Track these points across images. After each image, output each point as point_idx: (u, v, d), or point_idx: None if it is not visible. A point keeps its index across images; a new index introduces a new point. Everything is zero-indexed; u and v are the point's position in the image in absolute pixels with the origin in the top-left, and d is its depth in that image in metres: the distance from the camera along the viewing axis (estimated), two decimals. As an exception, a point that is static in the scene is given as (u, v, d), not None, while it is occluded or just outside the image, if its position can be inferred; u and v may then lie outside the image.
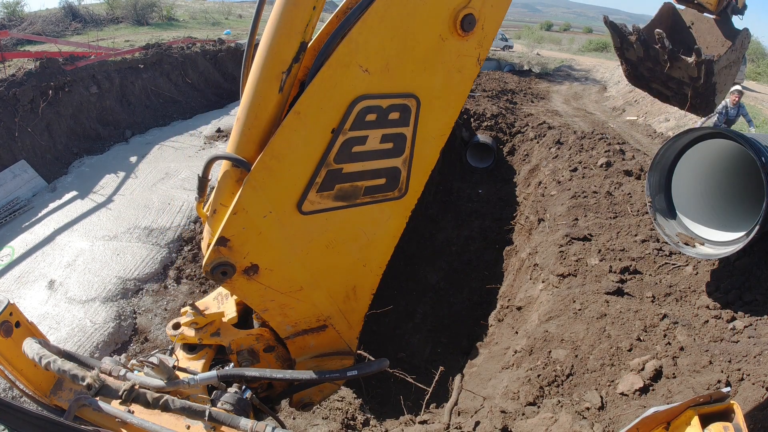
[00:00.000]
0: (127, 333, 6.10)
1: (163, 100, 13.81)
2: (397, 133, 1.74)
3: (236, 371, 2.04)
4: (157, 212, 8.24)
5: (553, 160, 10.74)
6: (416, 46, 1.62)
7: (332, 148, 1.64)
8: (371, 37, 1.54)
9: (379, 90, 1.63)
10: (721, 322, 4.82)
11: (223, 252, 1.67)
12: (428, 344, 8.92)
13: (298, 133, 1.59)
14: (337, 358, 2.27)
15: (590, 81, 27.80)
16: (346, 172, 1.72)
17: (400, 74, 1.64)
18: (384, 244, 2.03)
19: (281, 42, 1.52)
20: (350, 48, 1.53)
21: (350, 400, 5.42)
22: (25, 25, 19.06)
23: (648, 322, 4.92)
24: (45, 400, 2.07)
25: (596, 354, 4.71)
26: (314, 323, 2.08)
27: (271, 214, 1.68)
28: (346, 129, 1.63)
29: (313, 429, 4.51)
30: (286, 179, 1.65)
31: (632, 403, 4.07)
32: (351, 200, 1.79)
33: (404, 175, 1.84)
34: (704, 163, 5.51)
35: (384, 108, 1.66)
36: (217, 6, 33.00)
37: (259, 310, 1.97)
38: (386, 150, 1.75)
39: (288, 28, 1.49)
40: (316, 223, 1.78)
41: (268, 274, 1.80)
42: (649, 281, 5.80)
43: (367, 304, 2.20)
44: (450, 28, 1.62)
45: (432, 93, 1.73)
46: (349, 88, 1.58)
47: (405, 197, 1.90)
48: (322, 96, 1.56)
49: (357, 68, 1.56)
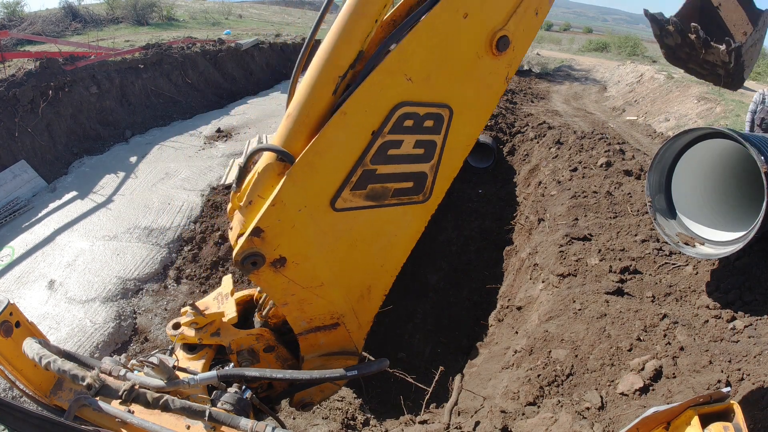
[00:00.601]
0: (127, 333, 6.10)
1: (163, 100, 13.81)
2: (429, 140, 1.85)
3: (236, 371, 2.04)
4: (157, 212, 8.24)
5: (553, 160, 10.74)
6: (455, 61, 1.76)
7: (370, 149, 1.75)
8: (419, 49, 1.68)
9: (419, 98, 1.75)
10: (721, 321, 4.82)
11: (255, 242, 1.73)
12: (428, 344, 8.91)
13: (341, 132, 1.70)
14: (342, 358, 2.28)
15: (590, 81, 27.80)
16: (380, 173, 1.82)
17: (439, 85, 1.77)
18: (402, 247, 2.11)
19: (342, 49, 1.65)
20: (399, 57, 1.67)
21: (350, 400, 5.42)
22: (25, 25, 19.05)
23: (648, 322, 4.92)
24: (45, 400, 2.07)
25: (596, 354, 4.71)
26: (328, 320, 2.12)
27: (305, 208, 1.75)
28: (385, 132, 1.75)
29: (313, 429, 4.51)
30: (325, 175, 1.75)
31: (632, 403, 4.07)
32: (380, 200, 1.89)
33: (430, 180, 1.95)
34: (704, 162, 5.51)
35: (421, 115, 1.79)
36: (217, 6, 32.97)
37: (279, 304, 2.00)
38: (417, 155, 1.86)
39: (350, 36, 1.63)
40: (345, 220, 1.86)
41: (294, 268, 1.86)
42: (649, 281, 5.80)
43: (378, 305, 2.24)
44: (486, 47, 1.77)
45: (464, 105, 1.86)
46: (393, 93, 1.71)
47: (428, 202, 2.00)
48: (368, 99, 1.68)
49: (402, 76, 1.69)
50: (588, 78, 28.64)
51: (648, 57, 34.19)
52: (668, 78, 20.60)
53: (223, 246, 7.70)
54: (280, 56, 20.04)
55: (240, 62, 17.59)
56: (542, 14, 1.89)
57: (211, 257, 7.50)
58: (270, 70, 18.98)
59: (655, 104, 18.59)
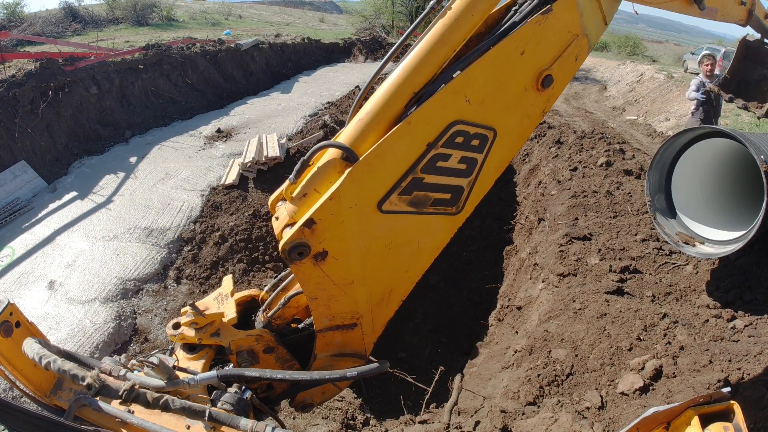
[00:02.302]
0: (127, 333, 6.10)
1: (163, 100, 13.81)
2: (472, 157, 2.04)
3: (236, 371, 2.04)
4: (157, 212, 8.24)
5: (553, 159, 10.74)
6: (507, 91, 2.00)
7: (423, 159, 1.93)
8: (481, 75, 1.91)
9: (472, 119, 1.96)
10: (721, 321, 4.82)
11: (306, 233, 1.82)
12: (428, 344, 8.91)
13: (403, 139, 1.87)
14: (351, 360, 2.32)
15: (590, 80, 27.79)
16: (426, 182, 1.98)
17: (490, 109, 1.99)
18: (428, 255, 2.24)
19: (422, 69, 1.89)
20: (465, 80, 1.88)
21: (350, 400, 5.42)
22: (24, 26, 19.05)
23: (648, 322, 4.92)
24: (45, 400, 2.07)
25: (596, 353, 4.71)
26: (348, 320, 2.19)
27: (356, 206, 1.88)
28: (439, 145, 1.93)
29: (313, 429, 4.51)
30: (380, 177, 1.90)
31: (632, 402, 4.07)
32: (420, 208, 2.03)
33: (465, 194, 2.12)
34: (704, 161, 5.51)
35: (471, 134, 1.98)
36: (217, 6, 32.96)
37: (309, 298, 2.07)
38: (460, 170, 2.04)
39: (432, 60, 1.89)
40: (386, 222, 2.00)
41: (332, 263, 1.96)
42: (649, 280, 5.80)
43: (394, 310, 2.34)
44: (533, 82, 2.02)
45: (506, 130, 2.07)
46: (452, 111, 1.91)
47: (459, 215, 2.18)
48: (431, 113, 1.88)
49: (463, 97, 1.91)
50: (588, 77, 28.63)
51: (648, 56, 34.19)
52: (668, 77, 20.60)
53: (223, 246, 7.70)
54: (279, 56, 20.04)
55: (240, 62, 17.59)
56: (580, 61, 2.14)
57: (211, 257, 7.50)
58: (270, 71, 18.98)
59: (655, 104, 18.59)
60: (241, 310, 2.37)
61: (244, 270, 7.54)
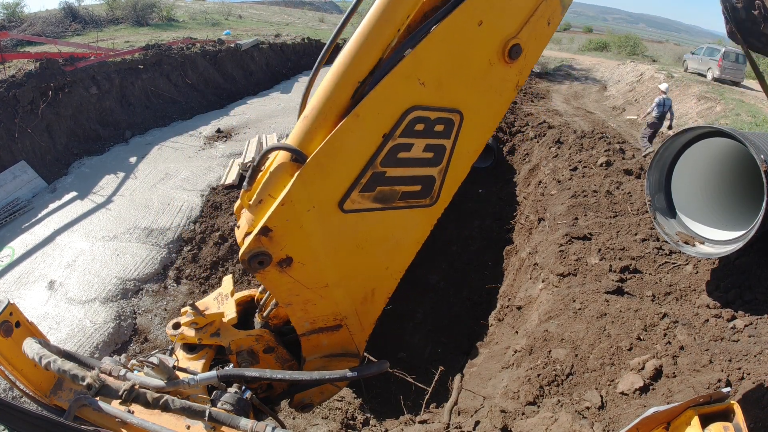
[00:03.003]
0: (127, 333, 6.10)
1: (162, 100, 13.80)
2: (438, 144, 1.87)
3: (236, 371, 2.04)
4: (156, 213, 8.24)
5: (553, 159, 10.74)
6: (468, 68, 1.79)
7: (381, 152, 1.77)
8: (433, 54, 1.71)
9: (431, 103, 1.77)
10: (721, 321, 4.82)
11: (263, 242, 1.73)
12: (428, 344, 8.91)
13: (353, 134, 1.71)
14: (344, 360, 2.28)
15: (590, 80, 27.79)
16: (389, 176, 1.83)
17: (451, 90, 1.80)
18: (408, 250, 2.13)
19: (364, 55, 1.68)
20: (414, 62, 1.69)
21: (350, 400, 5.42)
22: (24, 26, 19.05)
23: (648, 322, 4.92)
24: (45, 400, 2.07)
25: (596, 353, 4.71)
26: (331, 322, 2.13)
27: (314, 209, 1.77)
28: (396, 135, 1.76)
29: (312, 429, 4.51)
30: (335, 176, 1.76)
31: (632, 402, 4.07)
32: (387, 203, 1.90)
33: (438, 184, 1.97)
34: (704, 161, 5.51)
35: (432, 119, 1.80)
36: (217, 6, 32.94)
37: (283, 304, 2.01)
38: (427, 159, 1.87)
39: (373, 43, 1.67)
40: (352, 222, 1.87)
41: (300, 268, 1.87)
42: (649, 280, 5.80)
43: (381, 307, 2.25)
44: (499, 54, 1.80)
45: (474, 111, 1.88)
46: (405, 97, 1.73)
47: (434, 206, 2.02)
48: (381, 102, 1.71)
49: (416, 80, 1.72)
50: (588, 77, 28.63)
51: (648, 56, 34.19)
52: (668, 77, 20.59)
53: (222, 246, 7.70)
54: (279, 56, 20.03)
55: (239, 63, 17.59)
56: (554, 24, 1.91)
57: (211, 257, 7.49)
58: (270, 71, 18.97)
59: (655, 104, 18.54)
60: (241, 310, 2.37)
61: (244, 270, 7.54)
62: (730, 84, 21.64)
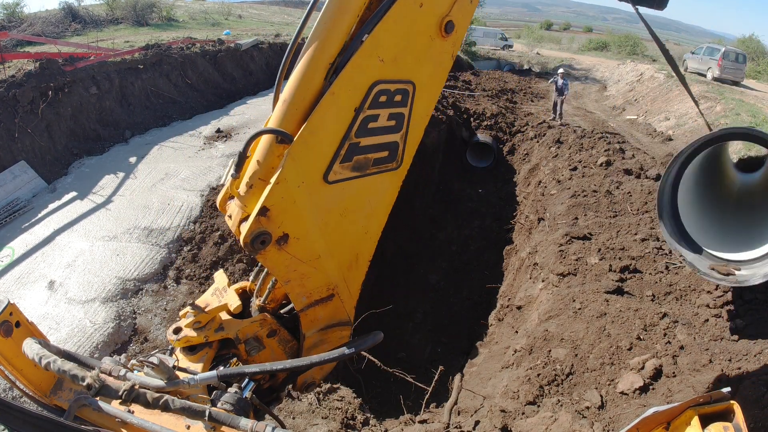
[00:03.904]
0: (127, 333, 6.10)
1: (162, 100, 13.80)
2: (399, 112, 2.14)
3: (237, 370, 2.04)
4: (156, 213, 8.24)
5: (553, 159, 10.74)
6: (415, 44, 2.08)
7: (354, 124, 2.00)
8: (387, 35, 1.97)
9: (390, 76, 2.04)
10: (721, 320, 4.82)
11: (263, 222, 1.89)
12: (428, 344, 8.91)
13: (330, 110, 1.93)
14: (338, 329, 2.45)
15: (590, 80, 27.79)
16: (363, 145, 2.07)
17: (404, 65, 2.07)
18: (382, 213, 2.36)
19: (331, 39, 1.92)
20: (373, 43, 1.95)
21: (350, 400, 5.41)
22: (24, 26, 19.03)
23: (648, 321, 4.92)
24: (45, 400, 2.07)
25: (596, 353, 4.71)
26: (324, 292, 2.30)
27: (303, 184, 1.94)
28: (366, 108, 2.00)
29: (312, 429, 4.51)
30: (319, 151, 1.96)
31: (632, 402, 4.07)
32: (363, 171, 2.13)
33: (401, 148, 2.24)
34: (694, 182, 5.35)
35: (392, 91, 2.07)
36: (217, 6, 32.92)
37: (282, 281, 2.16)
38: (391, 126, 2.14)
39: (337, 30, 1.92)
40: (336, 192, 2.08)
41: (295, 243, 2.03)
42: (649, 280, 5.80)
43: (364, 272, 2.45)
44: (437, 31, 2.10)
45: (423, 81, 2.17)
46: (370, 74, 1.98)
47: (400, 169, 2.29)
48: (351, 79, 1.94)
49: (376, 59, 1.97)
50: (588, 77, 28.63)
51: (648, 56, 34.16)
52: (668, 77, 20.59)
53: (222, 246, 7.69)
54: (279, 56, 20.01)
55: (239, 62, 17.58)
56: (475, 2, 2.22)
57: (211, 257, 7.49)
58: (269, 71, 18.95)
59: (655, 103, 18.58)
60: (241, 299, 2.41)
61: (244, 270, 7.53)
62: (730, 84, 21.64)
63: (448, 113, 13.25)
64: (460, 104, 14.53)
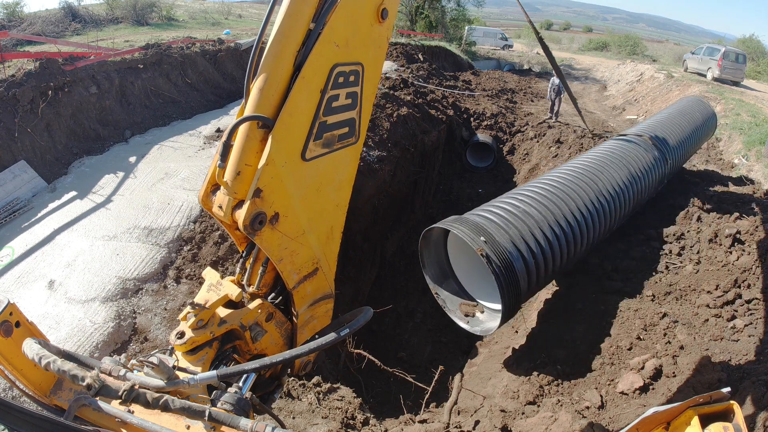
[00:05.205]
0: (127, 333, 6.10)
1: (162, 100, 13.80)
2: (353, 91, 2.39)
3: (236, 369, 2.04)
4: (156, 212, 8.24)
5: (553, 159, 10.74)
6: (360, 30, 2.34)
7: (321, 104, 2.21)
8: (339, 22, 2.20)
9: (344, 59, 2.28)
10: (721, 320, 4.82)
11: (258, 203, 2.04)
12: (428, 344, 8.91)
13: (302, 93, 2.13)
14: (323, 302, 2.61)
15: (590, 80, 27.79)
16: (329, 123, 2.29)
17: (354, 48, 2.33)
18: (347, 186, 2.58)
19: (294, 29, 2.12)
20: (330, 30, 2.17)
21: (350, 400, 5.41)
22: (24, 26, 19.02)
23: (648, 321, 4.92)
24: (45, 400, 2.07)
25: (596, 353, 4.71)
26: (311, 267, 2.46)
27: (287, 163, 2.12)
28: (329, 89, 2.22)
29: (312, 428, 4.51)
30: (296, 132, 2.16)
31: (632, 402, 4.07)
32: (331, 147, 2.35)
33: (357, 124, 2.48)
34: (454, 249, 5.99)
35: (347, 72, 2.32)
36: (217, 6, 32.90)
37: (276, 260, 2.26)
38: (348, 104, 2.38)
39: (301, 18, 2.12)
40: (312, 168, 2.27)
41: (284, 221, 2.20)
42: (649, 280, 5.80)
43: (338, 244, 2.64)
44: (375, 17, 2.38)
45: (369, 62, 2.44)
46: (330, 58, 2.20)
47: (358, 142, 2.54)
48: (316, 64, 2.15)
49: (333, 44, 2.21)
50: (588, 77, 28.64)
51: (648, 56, 34.17)
52: (668, 77, 20.60)
53: (222, 246, 7.70)
54: (279, 56, 20.01)
55: (240, 62, 17.57)
56: None
57: (211, 257, 7.49)
58: (270, 70, 18.96)
59: (655, 103, 18.58)
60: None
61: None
62: (730, 84, 21.64)
63: (448, 113, 13.25)
64: (460, 104, 14.53)
